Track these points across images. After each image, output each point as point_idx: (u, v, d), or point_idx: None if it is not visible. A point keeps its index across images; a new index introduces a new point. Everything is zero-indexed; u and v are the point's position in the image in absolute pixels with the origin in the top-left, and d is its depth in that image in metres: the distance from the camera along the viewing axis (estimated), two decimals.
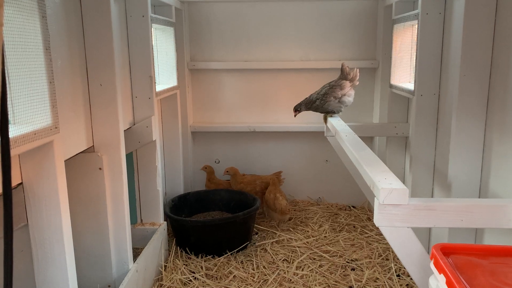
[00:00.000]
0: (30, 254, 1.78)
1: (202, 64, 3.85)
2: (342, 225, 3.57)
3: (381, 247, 3.13)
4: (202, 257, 3.05)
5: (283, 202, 3.46)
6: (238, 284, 2.71)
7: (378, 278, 2.74)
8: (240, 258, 3.04)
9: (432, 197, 2.82)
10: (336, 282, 2.71)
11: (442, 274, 1.36)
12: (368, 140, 3.84)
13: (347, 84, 3.02)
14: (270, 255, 3.07)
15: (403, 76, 3.28)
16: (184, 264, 2.95)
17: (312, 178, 4.06)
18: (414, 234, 1.69)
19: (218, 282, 2.74)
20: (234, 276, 2.81)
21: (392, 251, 3.03)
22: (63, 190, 1.74)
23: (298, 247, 3.18)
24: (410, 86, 3.00)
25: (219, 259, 3.01)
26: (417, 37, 2.74)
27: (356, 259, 2.99)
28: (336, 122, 2.98)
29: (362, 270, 2.84)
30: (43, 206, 1.71)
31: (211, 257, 3.05)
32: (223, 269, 2.89)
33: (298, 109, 3.07)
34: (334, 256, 3.05)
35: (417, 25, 2.76)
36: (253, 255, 3.08)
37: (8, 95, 1.38)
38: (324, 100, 2.98)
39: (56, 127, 1.66)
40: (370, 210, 3.85)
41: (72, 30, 2.02)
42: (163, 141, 3.50)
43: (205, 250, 3.07)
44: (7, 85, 1.45)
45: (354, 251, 3.11)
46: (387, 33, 3.46)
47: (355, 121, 3.81)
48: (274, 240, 3.30)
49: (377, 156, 2.07)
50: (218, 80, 3.93)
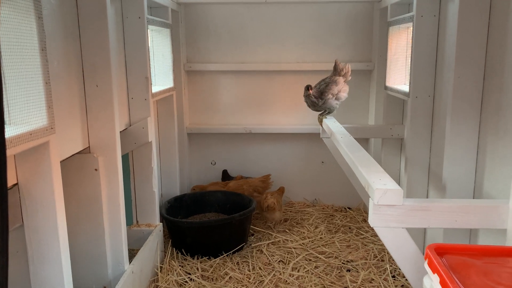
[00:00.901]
0: (26, 255, 1.78)
1: (198, 65, 3.85)
2: (338, 226, 3.58)
3: (376, 248, 3.15)
4: (198, 258, 3.05)
5: (270, 200, 3.46)
6: (234, 285, 2.71)
7: (373, 279, 2.74)
8: (236, 259, 3.05)
9: (427, 198, 2.83)
10: (331, 283, 2.72)
11: (436, 274, 1.37)
12: (363, 141, 3.85)
13: (341, 79, 3.08)
14: (266, 256, 3.07)
15: (398, 78, 3.30)
16: (180, 265, 2.95)
17: (308, 179, 4.07)
18: (409, 234, 1.70)
19: (214, 283, 2.74)
20: (230, 277, 2.81)
21: (387, 252, 3.04)
22: (59, 190, 1.74)
23: (294, 249, 3.18)
24: (405, 88, 3.02)
25: (215, 260, 3.01)
26: (412, 39, 2.76)
27: (351, 260, 3.00)
28: (331, 124, 2.99)
29: (357, 271, 2.85)
30: (39, 207, 1.71)
31: (207, 258, 3.05)
32: (219, 270, 2.90)
33: (311, 88, 3.06)
34: (329, 257, 3.06)
35: (412, 27, 2.78)
36: (249, 256, 3.08)
37: (4, 96, 1.38)
38: (322, 98, 3.01)
39: (52, 128, 1.66)
40: (366, 212, 3.87)
41: (68, 31, 2.03)
42: (159, 142, 3.50)
43: (201, 251, 3.08)
44: (3, 85, 1.45)
45: (350, 252, 3.12)
46: (383, 35, 3.48)
47: (351, 122, 3.82)
48: (270, 241, 3.30)
49: (372, 157, 2.09)
50: (214, 81, 3.94)
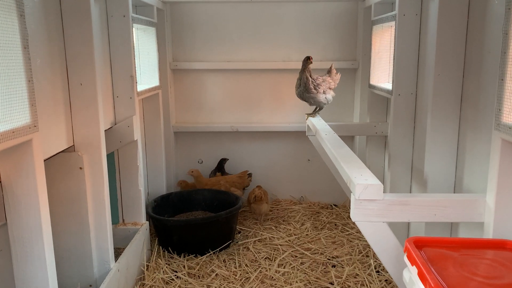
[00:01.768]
0: (9, 254, 1.78)
1: (184, 64, 3.86)
2: (324, 223, 3.62)
3: (361, 244, 3.19)
4: (184, 256, 3.06)
5: (257, 191, 3.53)
6: (220, 282, 2.73)
7: (358, 274, 2.78)
8: (222, 256, 3.06)
9: (409, 193, 2.88)
10: (317, 278, 2.75)
11: (414, 266, 1.41)
12: (349, 139, 3.90)
13: (332, 82, 3.18)
14: (253, 253, 3.10)
15: (382, 76, 3.34)
16: (166, 263, 2.96)
17: (294, 177, 4.10)
18: (390, 228, 1.74)
19: (201, 281, 2.75)
20: (216, 274, 2.83)
21: (371, 248, 3.08)
22: (43, 189, 1.74)
23: (280, 245, 3.21)
24: (389, 86, 3.06)
25: (202, 258, 3.03)
26: (395, 38, 2.80)
27: (336, 256, 3.04)
28: (316, 122, 3.03)
29: (342, 267, 2.89)
30: (22, 205, 1.71)
31: (194, 256, 3.07)
32: (206, 267, 2.91)
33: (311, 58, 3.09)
34: (315, 253, 3.09)
35: (394, 26, 2.82)
36: (235, 254, 3.10)
37: None
38: (316, 89, 3.06)
39: (35, 126, 1.66)
40: None
41: (51, 29, 2.02)
42: (146, 141, 3.50)
43: (187, 249, 3.09)
44: None
45: (335, 249, 3.16)
46: (367, 34, 3.52)
47: (336, 120, 3.86)
48: (257, 238, 3.33)
49: (356, 154, 2.12)
50: (200, 80, 3.95)
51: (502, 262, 1.43)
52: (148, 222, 3.09)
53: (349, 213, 3.80)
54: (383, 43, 3.30)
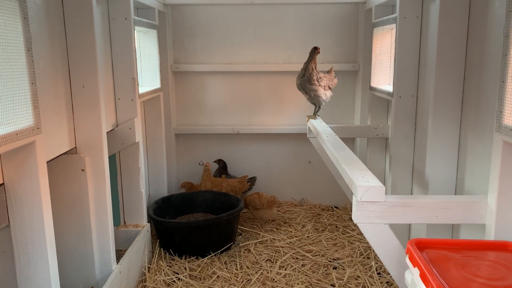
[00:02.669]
0: (12, 255, 1.78)
1: (185, 66, 3.87)
2: (325, 225, 3.62)
3: (362, 246, 3.19)
4: (186, 258, 3.06)
5: (265, 195, 3.54)
6: (221, 284, 2.73)
7: (359, 276, 2.79)
8: (224, 258, 3.07)
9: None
10: (318, 280, 2.76)
11: (416, 268, 1.41)
12: (349, 141, 3.90)
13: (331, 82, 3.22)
14: (254, 255, 3.10)
15: (383, 78, 3.35)
16: (168, 265, 2.96)
17: (295, 179, 4.10)
18: (391, 230, 1.74)
19: (202, 283, 2.76)
20: (217, 276, 2.83)
21: (373, 250, 3.09)
22: (45, 190, 1.74)
23: (281, 247, 3.21)
24: (389, 88, 3.07)
25: (203, 260, 3.03)
26: (395, 40, 2.81)
27: (338, 258, 3.04)
28: (317, 124, 3.04)
29: (343, 269, 2.89)
30: (25, 207, 1.72)
31: (195, 258, 3.07)
32: (207, 269, 2.91)
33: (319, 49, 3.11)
34: (316, 255, 3.09)
35: (395, 28, 2.83)
36: (236, 256, 3.10)
37: None
38: (319, 81, 3.08)
39: (38, 128, 1.67)
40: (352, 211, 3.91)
41: (54, 32, 2.03)
42: (147, 143, 3.51)
43: (188, 251, 3.09)
44: None
45: (336, 250, 3.16)
46: (367, 36, 3.53)
47: (337, 122, 3.87)
48: (258, 240, 3.33)
49: (357, 156, 2.13)
50: (202, 82, 3.96)
51: (504, 264, 1.43)
52: (149, 224, 3.09)
53: (350, 215, 3.81)
54: (384, 46, 3.31)
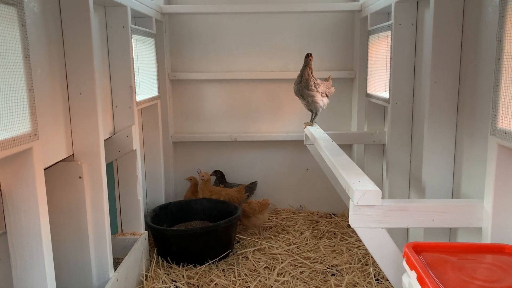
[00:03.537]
0: (9, 262, 1.77)
1: (183, 74, 3.89)
2: (323, 232, 3.62)
3: (360, 253, 3.18)
4: (183, 266, 3.05)
5: (254, 201, 3.56)
6: None
7: (357, 283, 2.78)
8: (221, 266, 3.06)
9: None
10: (316, 287, 2.75)
11: (413, 271, 1.42)
12: (347, 148, 3.91)
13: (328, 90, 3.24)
14: (252, 263, 3.09)
15: (379, 85, 3.37)
16: (165, 273, 2.95)
17: (293, 186, 4.11)
18: (388, 234, 1.74)
19: None
20: (215, 284, 2.82)
21: (371, 256, 3.08)
22: (42, 196, 1.74)
23: (280, 255, 3.20)
24: (386, 94, 3.08)
25: (201, 268, 3.01)
26: (391, 47, 2.84)
27: (336, 265, 3.04)
28: (315, 130, 3.05)
29: (342, 276, 2.88)
30: (22, 213, 1.72)
31: (193, 266, 3.06)
32: (205, 277, 2.90)
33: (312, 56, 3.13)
34: (314, 262, 3.09)
35: (390, 35, 2.86)
36: (234, 263, 3.09)
37: None
38: (316, 87, 3.09)
39: (35, 134, 1.67)
40: None
41: (52, 40, 2.05)
42: (144, 151, 3.51)
43: (186, 259, 3.08)
44: None
45: (334, 257, 3.15)
46: (363, 44, 3.56)
47: (334, 129, 3.88)
48: (256, 248, 3.32)
49: (353, 161, 2.13)
50: (199, 90, 3.97)
51: (501, 266, 1.44)
52: (147, 232, 3.08)
53: (348, 222, 3.80)
54: (380, 53, 3.33)
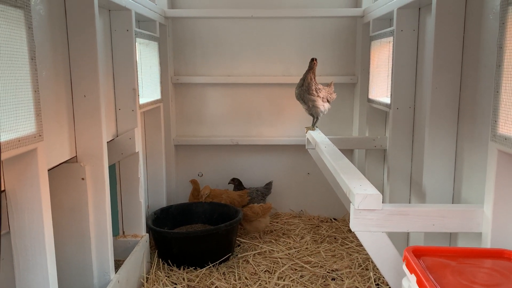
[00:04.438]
0: (12, 262, 1.78)
1: (185, 78, 3.91)
2: (324, 236, 3.63)
3: (361, 258, 3.19)
4: (184, 268, 3.06)
5: (256, 205, 3.56)
6: None
7: (357, 287, 2.78)
8: (222, 269, 3.06)
9: None
10: None
11: (413, 274, 1.42)
12: (348, 152, 3.92)
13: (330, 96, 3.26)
14: (252, 266, 3.09)
15: (381, 90, 3.39)
16: (166, 275, 2.96)
17: (294, 190, 4.12)
18: (389, 238, 1.75)
19: None
20: (216, 287, 2.82)
21: (371, 261, 3.09)
22: (46, 197, 1.76)
23: (280, 258, 3.21)
24: (387, 100, 3.10)
25: (201, 271, 3.02)
26: (393, 52, 2.86)
27: (336, 269, 3.04)
28: (316, 135, 3.07)
29: (342, 280, 2.89)
30: (26, 214, 1.73)
31: (193, 268, 3.06)
32: (205, 280, 2.91)
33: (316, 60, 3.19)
34: (315, 266, 3.09)
35: (392, 41, 2.88)
36: (235, 267, 3.10)
37: None
38: (317, 92, 3.11)
39: (40, 135, 1.69)
40: None
41: (57, 42, 2.07)
42: (146, 153, 3.53)
43: (187, 262, 3.09)
44: None
45: (335, 262, 3.16)
46: (365, 49, 3.58)
47: (336, 134, 3.90)
48: (256, 251, 3.33)
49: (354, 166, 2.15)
50: (201, 94, 3.99)
51: (500, 271, 1.45)
52: (148, 234, 3.09)
53: (348, 226, 3.80)
54: (382, 58, 3.35)
